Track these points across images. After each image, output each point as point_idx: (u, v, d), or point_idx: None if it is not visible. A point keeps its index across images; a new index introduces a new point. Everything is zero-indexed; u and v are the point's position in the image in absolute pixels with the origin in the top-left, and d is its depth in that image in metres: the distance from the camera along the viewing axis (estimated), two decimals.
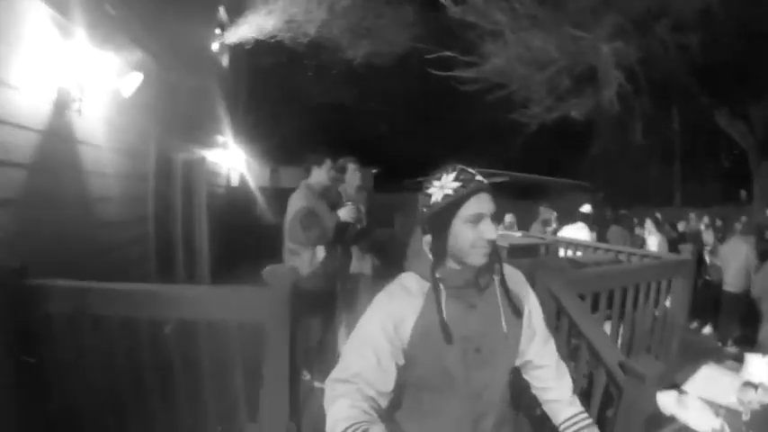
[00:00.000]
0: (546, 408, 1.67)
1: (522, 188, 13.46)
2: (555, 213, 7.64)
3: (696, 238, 8.12)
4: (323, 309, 3.79)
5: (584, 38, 7.75)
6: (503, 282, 1.54)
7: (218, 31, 6.72)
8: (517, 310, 1.52)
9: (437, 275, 1.47)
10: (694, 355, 3.94)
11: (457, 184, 1.44)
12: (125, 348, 2.11)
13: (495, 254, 1.52)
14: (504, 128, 11.22)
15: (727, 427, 2.72)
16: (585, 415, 1.61)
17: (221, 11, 6.70)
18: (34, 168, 2.62)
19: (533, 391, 1.70)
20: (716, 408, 2.92)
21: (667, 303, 4.06)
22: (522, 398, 1.78)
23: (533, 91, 9.09)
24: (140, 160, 4.32)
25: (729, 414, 2.87)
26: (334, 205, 3.75)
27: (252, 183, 8.39)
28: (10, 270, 2.06)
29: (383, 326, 1.44)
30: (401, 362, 1.44)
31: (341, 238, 3.71)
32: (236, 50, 7.41)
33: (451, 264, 1.48)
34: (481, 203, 1.42)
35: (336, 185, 3.95)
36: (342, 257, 3.86)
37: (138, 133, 4.28)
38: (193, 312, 2.12)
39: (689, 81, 9.29)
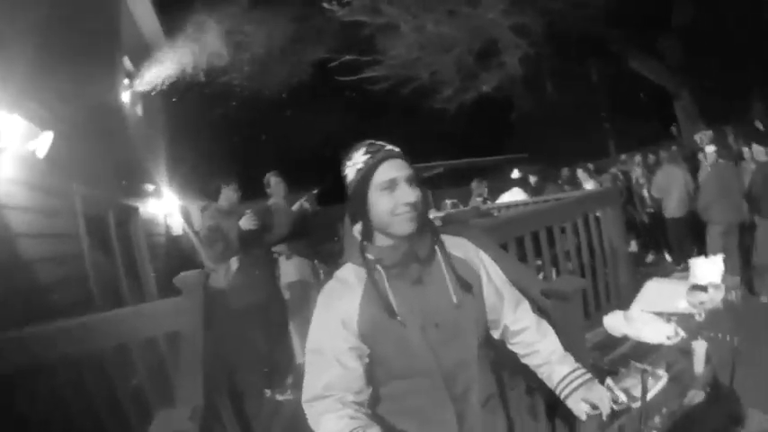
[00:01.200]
0: (539, 374, 1.60)
1: (462, 173, 13.76)
2: (486, 187, 7.73)
3: (626, 175, 8.61)
4: (261, 322, 3.93)
5: (476, 15, 8.11)
6: (443, 251, 1.49)
7: (126, 80, 6.71)
8: (465, 280, 1.46)
9: (371, 257, 1.43)
10: None
11: (366, 157, 1.42)
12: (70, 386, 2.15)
13: (427, 223, 1.49)
14: (427, 118, 11.51)
15: (681, 331, 2.79)
16: (581, 371, 1.54)
17: (126, 61, 6.70)
18: None
19: (522, 361, 1.63)
20: (666, 317, 2.99)
21: None
22: (506, 370, 1.72)
23: (443, 75, 9.37)
24: (68, 219, 4.28)
25: (681, 319, 2.97)
26: (268, 221, 3.98)
27: (193, 225, 8.32)
28: None
29: (331, 328, 1.40)
30: (365, 356, 1.40)
31: (255, 246, 3.94)
32: (148, 97, 7.40)
33: (382, 241, 1.44)
34: (392, 169, 1.39)
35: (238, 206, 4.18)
36: (263, 265, 4.06)
37: (61, 193, 4.25)
38: (124, 336, 2.17)
39: (595, 32, 9.71)
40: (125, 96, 6.67)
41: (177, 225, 8.23)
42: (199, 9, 7.93)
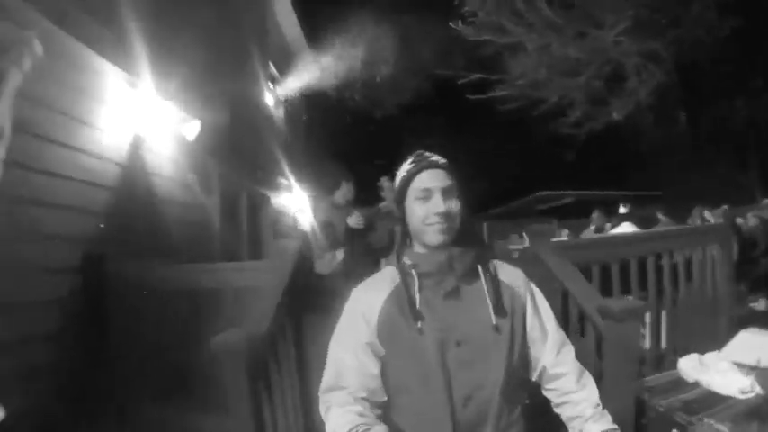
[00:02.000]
0: (570, 429, 1.47)
1: (588, 205, 12.98)
2: (607, 221, 7.37)
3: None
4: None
5: (603, 36, 7.73)
6: (487, 269, 1.46)
7: (270, 84, 7.61)
8: (503, 305, 1.42)
9: (408, 261, 1.46)
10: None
11: (410, 166, 1.46)
12: (187, 314, 2.65)
13: (471, 240, 1.48)
14: (553, 143, 11.09)
15: (757, 386, 2.60)
16: None
17: (271, 66, 7.61)
18: (114, 190, 3.33)
19: (555, 410, 1.52)
20: (746, 369, 2.77)
21: None
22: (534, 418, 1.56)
23: (571, 99, 9.00)
24: (206, 194, 5.05)
25: (761, 373, 2.73)
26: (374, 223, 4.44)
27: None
28: (92, 257, 2.81)
29: (352, 320, 1.44)
30: (380, 355, 1.41)
31: (359, 245, 4.29)
32: (289, 100, 8.27)
33: (420, 248, 1.47)
34: (430, 179, 1.42)
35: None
36: (364, 264, 4.40)
37: (203, 171, 5.03)
38: (237, 281, 2.64)
39: (731, 61, 8.84)
40: (268, 98, 7.57)
41: (305, 220, 9.00)
42: (339, 24, 8.67)
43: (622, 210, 6.73)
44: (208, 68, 5.04)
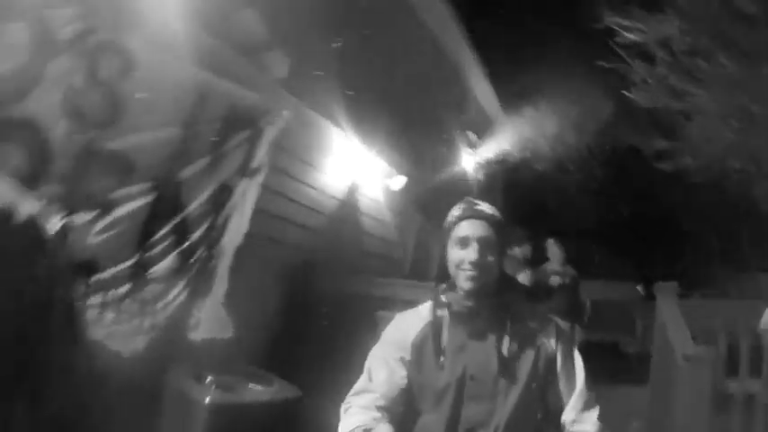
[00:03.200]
0: None
1: None
2: None
3: None
4: None
5: None
6: (516, 318, 1.54)
7: (468, 150, 8.46)
8: (519, 351, 1.48)
9: (443, 299, 1.55)
10: None
11: (458, 212, 1.55)
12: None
13: (509, 288, 1.59)
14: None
15: None
16: None
17: (470, 133, 8.47)
18: (332, 217, 4.39)
19: None
20: None
21: None
22: None
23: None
24: (401, 233, 5.97)
25: None
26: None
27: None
28: (302, 264, 3.75)
29: (393, 337, 1.57)
30: (407, 374, 1.51)
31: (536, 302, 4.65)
32: (486, 165, 8.99)
33: (456, 290, 1.55)
34: (470, 228, 1.50)
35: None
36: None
37: (403, 216, 5.98)
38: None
39: None
40: (467, 162, 8.41)
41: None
42: (531, 95, 9.22)
43: None
44: (412, 134, 6.07)
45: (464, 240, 1.49)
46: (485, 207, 1.54)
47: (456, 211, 1.55)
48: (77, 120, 2.57)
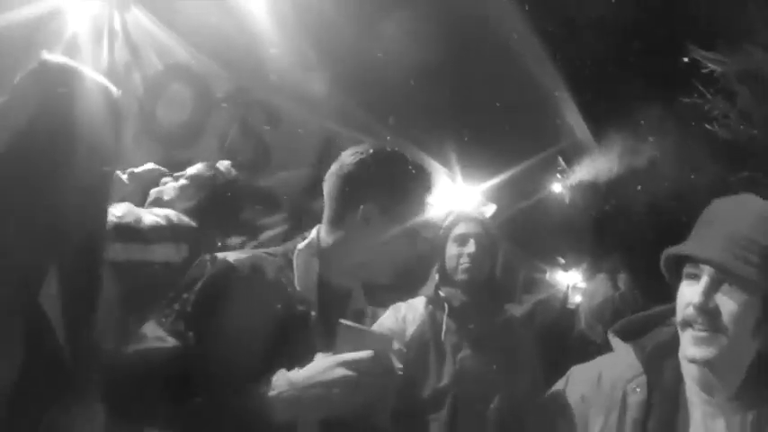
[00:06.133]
0: None
1: None
2: None
3: None
4: None
5: None
6: (514, 325, 1.63)
7: (559, 174, 8.63)
8: (503, 346, 1.56)
9: (442, 294, 1.66)
10: None
11: (455, 215, 1.74)
12: None
13: (500, 288, 1.71)
14: None
15: None
16: None
17: (560, 159, 8.63)
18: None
19: None
20: None
21: None
22: None
23: None
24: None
25: None
26: None
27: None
28: None
29: (391, 328, 1.63)
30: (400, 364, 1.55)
31: None
32: (575, 189, 9.06)
33: (453, 286, 1.67)
34: (467, 226, 1.67)
35: None
36: None
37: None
38: None
39: None
40: (557, 186, 8.57)
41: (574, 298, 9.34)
42: (626, 122, 9.19)
43: None
44: (503, 164, 6.38)
45: (463, 237, 1.66)
46: (479, 213, 1.78)
47: (453, 215, 1.72)
48: (234, 163, 3.21)
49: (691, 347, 1.03)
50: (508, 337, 1.73)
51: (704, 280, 1.00)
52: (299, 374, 1.04)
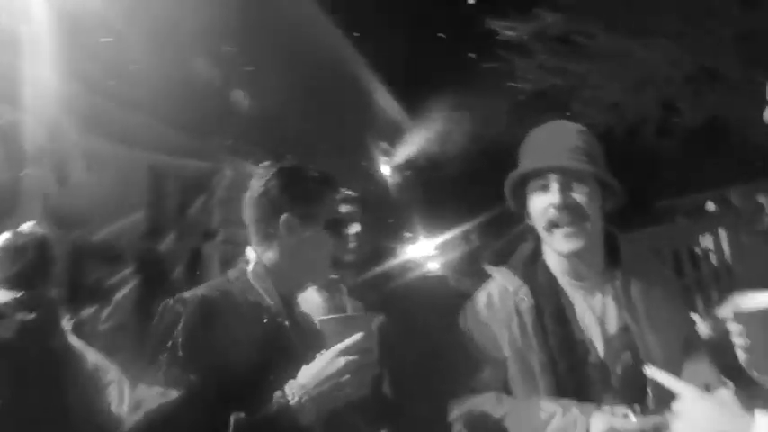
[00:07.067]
0: None
1: None
2: None
3: None
4: None
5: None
6: None
7: (383, 158, 9.20)
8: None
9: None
10: None
11: None
12: None
13: None
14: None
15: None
16: None
17: (383, 144, 9.22)
18: None
19: None
20: None
21: None
22: None
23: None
24: None
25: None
26: None
27: None
28: None
29: None
30: None
31: None
32: (399, 167, 9.76)
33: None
34: None
35: None
36: None
37: None
38: None
39: None
40: (384, 168, 9.12)
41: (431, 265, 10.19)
42: (437, 96, 10.07)
43: (711, 207, 6.73)
44: (335, 156, 6.63)
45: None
46: None
47: None
48: (58, 223, 2.91)
49: (563, 244, 1.31)
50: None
51: (554, 185, 1.30)
52: (307, 376, 1.14)
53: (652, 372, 1.02)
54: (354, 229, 2.04)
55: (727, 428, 0.91)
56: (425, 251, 8.97)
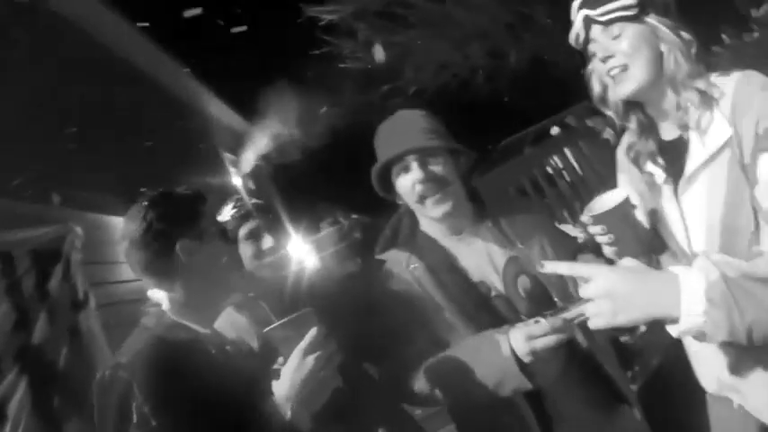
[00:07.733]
0: None
1: None
2: None
3: None
4: None
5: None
6: None
7: (232, 168, 8.83)
8: None
9: None
10: None
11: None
12: None
13: None
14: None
15: None
16: None
17: (227, 155, 8.83)
18: None
19: None
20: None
21: None
22: None
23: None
24: None
25: None
26: None
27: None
28: None
29: None
30: None
31: None
32: (252, 172, 9.47)
33: None
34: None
35: None
36: None
37: None
38: None
39: None
40: (235, 179, 8.79)
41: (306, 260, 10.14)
42: (271, 95, 9.88)
43: (556, 131, 7.61)
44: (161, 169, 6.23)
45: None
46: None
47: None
48: None
49: (435, 210, 1.55)
50: None
51: (413, 164, 1.54)
52: (286, 388, 1.15)
53: (551, 267, 1.07)
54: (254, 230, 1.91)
55: (652, 286, 0.93)
56: (301, 248, 8.96)
